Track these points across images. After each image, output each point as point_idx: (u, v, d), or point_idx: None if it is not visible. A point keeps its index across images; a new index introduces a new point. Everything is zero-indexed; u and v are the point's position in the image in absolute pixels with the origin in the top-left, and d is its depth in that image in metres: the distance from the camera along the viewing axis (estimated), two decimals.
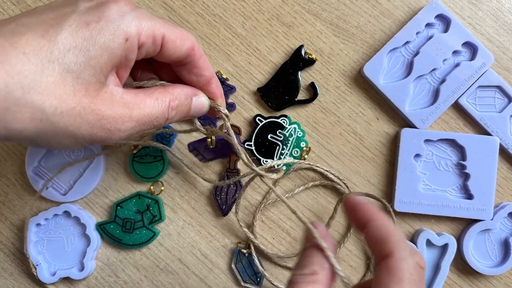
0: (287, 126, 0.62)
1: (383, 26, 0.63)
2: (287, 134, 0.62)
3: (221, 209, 0.62)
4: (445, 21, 0.61)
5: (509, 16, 0.63)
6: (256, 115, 0.62)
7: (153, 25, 0.40)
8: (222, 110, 0.49)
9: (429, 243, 0.61)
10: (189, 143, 0.58)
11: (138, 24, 0.39)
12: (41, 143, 0.38)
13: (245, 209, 0.63)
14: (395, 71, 0.62)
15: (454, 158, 0.62)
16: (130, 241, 0.62)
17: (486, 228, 0.61)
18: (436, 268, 0.61)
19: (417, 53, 0.61)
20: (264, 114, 0.62)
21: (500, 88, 0.61)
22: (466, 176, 0.61)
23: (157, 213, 0.62)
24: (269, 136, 0.62)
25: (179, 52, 0.43)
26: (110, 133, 0.40)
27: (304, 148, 0.62)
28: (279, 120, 0.62)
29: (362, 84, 0.63)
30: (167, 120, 0.44)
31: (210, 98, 0.48)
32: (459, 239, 0.62)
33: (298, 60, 0.62)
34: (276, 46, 0.63)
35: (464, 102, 0.61)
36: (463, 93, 0.61)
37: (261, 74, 0.63)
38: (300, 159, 0.62)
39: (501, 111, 0.61)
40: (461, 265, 0.62)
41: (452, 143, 0.61)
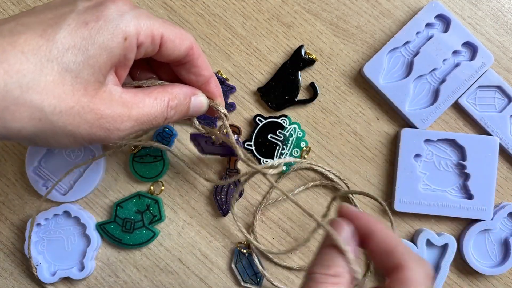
0: (287, 126, 0.62)
1: (383, 26, 0.63)
2: (287, 134, 0.62)
3: (221, 209, 0.62)
4: (445, 21, 0.61)
5: (509, 16, 0.63)
6: (256, 115, 0.62)
7: (152, 25, 0.40)
8: (221, 110, 0.49)
9: (429, 243, 0.61)
10: (192, 133, 0.58)
11: (137, 23, 0.39)
12: (40, 142, 0.38)
13: (245, 209, 0.63)
14: (395, 71, 0.62)
15: (454, 158, 0.61)
16: (130, 241, 0.62)
17: (486, 228, 0.60)
18: (436, 268, 0.61)
19: (417, 53, 0.61)
20: (264, 114, 0.62)
21: (500, 88, 0.61)
22: (466, 176, 0.61)
23: (157, 213, 0.62)
24: (269, 136, 0.62)
25: (178, 52, 0.43)
26: (109, 132, 0.40)
27: (304, 148, 0.62)
28: (279, 120, 0.62)
29: (362, 84, 0.63)
30: (166, 119, 0.44)
31: (209, 98, 0.48)
32: (459, 239, 0.62)
33: (298, 60, 0.62)
34: (276, 46, 0.63)
35: (464, 102, 0.61)
36: (463, 93, 0.61)
37: (261, 74, 0.63)
38: (300, 159, 0.62)
39: (501, 111, 0.61)
40: (461, 265, 0.62)
41: (452, 143, 0.61)
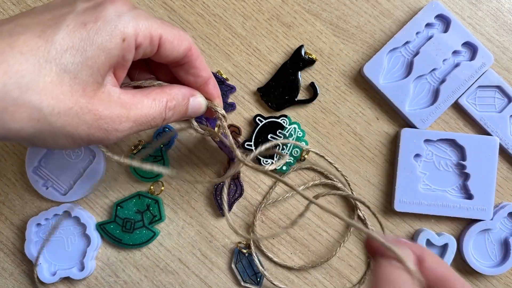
0: (287, 126, 0.62)
1: (383, 26, 0.63)
2: (287, 134, 0.62)
3: (221, 209, 0.62)
4: (445, 21, 0.61)
5: (509, 16, 0.63)
6: (256, 115, 0.62)
7: (150, 26, 0.40)
8: (219, 111, 0.49)
9: (429, 243, 0.61)
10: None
11: (135, 24, 0.39)
12: (38, 143, 0.38)
13: (245, 209, 0.63)
14: (395, 71, 0.62)
15: (454, 158, 0.61)
16: (130, 241, 0.62)
17: (486, 228, 0.60)
18: None
19: (417, 53, 0.61)
20: (264, 114, 0.62)
21: (500, 88, 0.61)
22: (466, 176, 0.61)
23: (157, 213, 0.62)
24: (269, 136, 0.62)
25: (176, 53, 0.43)
26: (108, 133, 0.40)
27: (304, 148, 0.62)
28: (279, 120, 0.62)
29: (362, 84, 0.63)
30: (164, 120, 0.44)
31: (207, 99, 0.49)
32: (459, 239, 0.62)
33: (298, 60, 0.62)
34: (276, 46, 0.63)
35: (464, 102, 0.61)
36: (463, 93, 0.61)
37: (261, 74, 0.63)
38: (300, 159, 0.62)
39: (501, 111, 0.61)
40: (461, 265, 0.62)
41: (452, 143, 0.61)
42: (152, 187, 0.63)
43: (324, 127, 0.63)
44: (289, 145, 0.62)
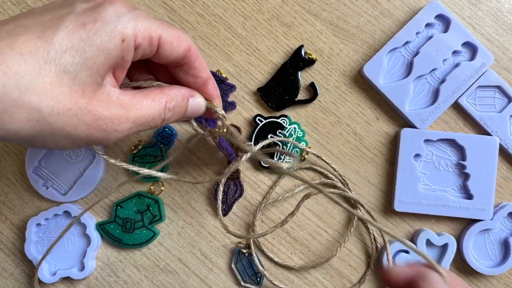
0: (287, 126, 0.62)
1: (383, 26, 0.63)
2: (287, 134, 0.62)
3: (221, 209, 0.62)
4: (445, 21, 0.61)
5: (509, 16, 0.63)
6: (256, 115, 0.62)
7: (150, 26, 0.40)
8: (219, 111, 0.49)
9: (429, 243, 0.61)
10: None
11: (134, 25, 0.39)
12: (38, 144, 0.38)
13: (245, 209, 0.63)
14: (395, 71, 0.62)
15: (454, 158, 0.61)
16: (130, 241, 0.62)
17: (486, 228, 0.60)
18: None
19: (417, 53, 0.61)
20: (264, 114, 0.62)
21: (500, 88, 0.61)
22: (466, 176, 0.61)
23: (157, 213, 0.62)
24: (269, 136, 0.62)
25: (175, 54, 0.43)
26: (107, 133, 0.40)
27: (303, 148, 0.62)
28: (279, 120, 0.62)
29: (362, 84, 0.63)
30: (164, 121, 0.44)
31: (206, 99, 0.48)
32: (459, 239, 0.62)
33: (298, 60, 0.62)
34: (276, 46, 0.63)
35: (464, 102, 0.61)
36: (463, 93, 0.61)
37: (261, 74, 0.63)
38: (300, 159, 0.62)
39: (501, 111, 0.61)
40: (461, 265, 0.62)
41: (452, 143, 0.61)
42: (152, 187, 0.63)
43: (324, 127, 0.63)
44: (289, 145, 0.62)
